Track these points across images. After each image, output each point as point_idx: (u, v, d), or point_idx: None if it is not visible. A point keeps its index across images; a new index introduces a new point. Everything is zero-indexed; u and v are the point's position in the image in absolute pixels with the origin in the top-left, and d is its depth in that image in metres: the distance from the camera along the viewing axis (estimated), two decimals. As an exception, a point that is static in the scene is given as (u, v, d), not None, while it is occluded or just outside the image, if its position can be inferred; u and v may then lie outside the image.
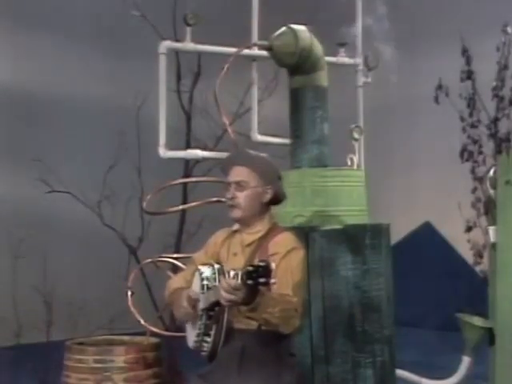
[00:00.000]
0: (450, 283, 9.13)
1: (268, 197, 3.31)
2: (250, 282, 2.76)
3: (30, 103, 8.66)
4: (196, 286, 3.24)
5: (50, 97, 8.84)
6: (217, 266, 3.21)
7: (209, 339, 3.17)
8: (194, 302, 3.23)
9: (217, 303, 3.07)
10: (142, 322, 4.86)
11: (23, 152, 8.19)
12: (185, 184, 6.85)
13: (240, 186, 3.27)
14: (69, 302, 7.55)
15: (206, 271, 3.19)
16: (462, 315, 4.36)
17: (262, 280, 2.74)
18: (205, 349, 3.21)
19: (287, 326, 3.06)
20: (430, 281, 9.37)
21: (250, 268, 2.76)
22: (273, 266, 2.76)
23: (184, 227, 7.04)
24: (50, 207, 8.15)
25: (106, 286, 7.92)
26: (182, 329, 3.44)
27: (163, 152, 5.10)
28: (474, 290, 7.52)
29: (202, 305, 3.16)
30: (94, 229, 7.42)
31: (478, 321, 4.30)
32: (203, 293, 3.16)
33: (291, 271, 3.14)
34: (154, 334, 4.97)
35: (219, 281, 3.11)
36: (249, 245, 3.28)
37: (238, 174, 3.29)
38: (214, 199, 3.43)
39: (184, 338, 3.38)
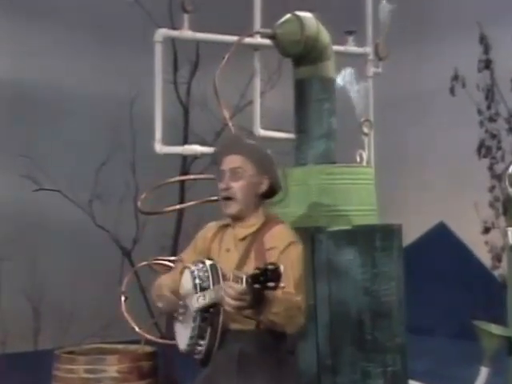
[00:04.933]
0: (465, 288, 9.13)
1: (264, 187, 3.32)
2: (257, 286, 2.75)
3: (17, 97, 8.67)
4: (187, 285, 3.22)
5: (38, 90, 8.85)
6: (209, 263, 3.18)
7: (203, 342, 3.15)
8: (177, 293, 3.25)
9: (212, 304, 3.08)
10: (137, 329, 4.86)
11: (10, 148, 8.20)
12: (182, 182, 6.85)
13: (235, 174, 3.27)
14: (58, 308, 7.59)
15: (198, 269, 3.17)
16: (479, 323, 4.36)
17: (270, 284, 2.73)
18: (198, 352, 3.19)
19: (292, 325, 3.09)
20: (445, 285, 9.36)
21: (257, 271, 2.75)
22: (282, 268, 2.75)
23: (181, 228, 7.05)
24: (38, 206, 8.17)
25: (98, 291, 7.94)
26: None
27: (159, 148, 5.10)
28: (491, 296, 7.52)
29: (195, 306, 3.15)
30: (86, 230, 7.44)
31: (496, 329, 4.30)
32: (196, 293, 3.15)
33: (291, 267, 3.14)
34: (149, 342, 4.97)
35: (213, 279, 3.11)
36: (243, 239, 3.28)
37: (233, 161, 3.29)
38: (213, 198, 3.42)
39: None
